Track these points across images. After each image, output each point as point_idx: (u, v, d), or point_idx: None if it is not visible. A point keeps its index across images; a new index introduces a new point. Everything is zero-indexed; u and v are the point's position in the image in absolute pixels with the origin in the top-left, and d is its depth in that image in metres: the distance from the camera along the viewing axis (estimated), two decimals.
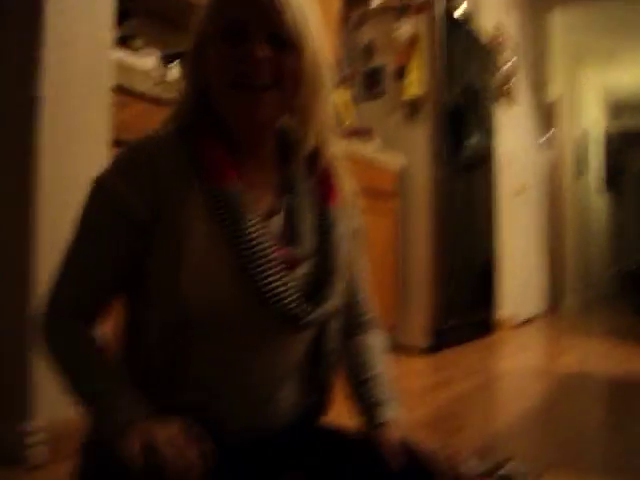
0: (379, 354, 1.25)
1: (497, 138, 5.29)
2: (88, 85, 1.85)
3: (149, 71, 2.18)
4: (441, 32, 4.30)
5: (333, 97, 1.14)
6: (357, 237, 1.22)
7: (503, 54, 5.60)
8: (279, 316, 1.03)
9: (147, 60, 2.40)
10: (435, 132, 4.28)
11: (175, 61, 2.69)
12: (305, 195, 1.13)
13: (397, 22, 4.31)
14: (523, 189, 6.03)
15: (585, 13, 7.47)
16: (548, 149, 7.41)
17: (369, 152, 3.80)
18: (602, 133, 10.78)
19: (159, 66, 2.52)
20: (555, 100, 7.73)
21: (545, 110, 7.18)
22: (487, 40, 5.19)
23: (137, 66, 2.13)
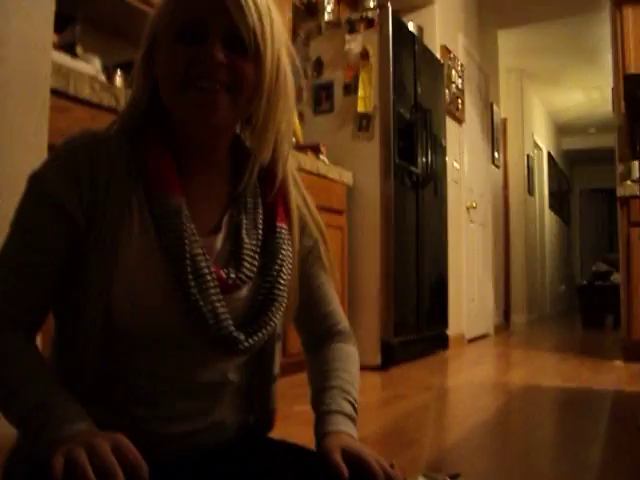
0: (345, 365, 1.19)
1: (447, 156, 5.32)
2: (24, 86, 1.78)
3: (91, 77, 2.11)
4: (391, 48, 4.31)
5: (293, 111, 1.08)
6: (314, 253, 1.17)
7: (452, 73, 5.66)
8: (209, 341, 0.98)
9: (89, 66, 2.33)
10: (385, 148, 4.28)
11: (118, 69, 2.64)
12: (252, 212, 1.07)
13: (347, 37, 4.31)
14: (473, 207, 6.08)
15: (529, 35, 7.64)
16: (497, 168, 7.51)
17: (318, 167, 3.77)
18: (548, 153, 11.00)
19: (102, 72, 2.46)
20: (503, 120, 7.87)
21: (494, 129, 7.27)
22: (436, 58, 5.23)
23: (79, 71, 2.07)
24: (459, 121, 5.88)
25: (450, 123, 5.57)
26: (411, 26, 4.87)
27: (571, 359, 4.92)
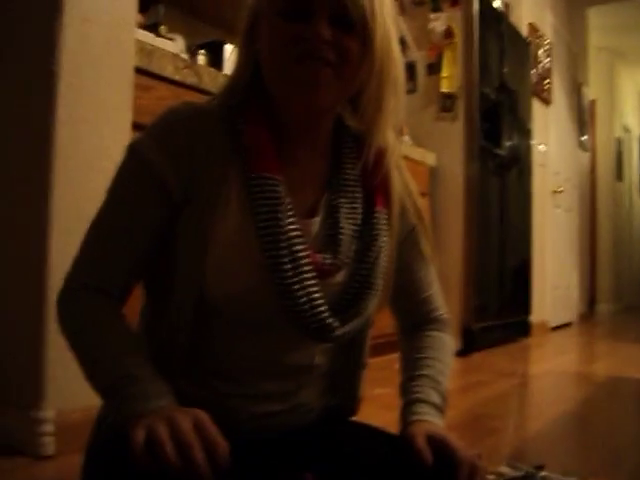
0: (439, 355, 1.16)
1: (532, 138, 5.17)
2: (109, 64, 1.79)
3: (174, 55, 2.11)
4: (477, 27, 4.19)
5: (403, 92, 1.03)
6: (412, 238, 1.14)
7: (539, 52, 5.48)
8: (302, 326, 0.96)
9: (173, 44, 2.34)
10: (469, 130, 4.18)
11: (201, 49, 2.65)
12: (352, 196, 1.03)
13: (431, 15, 4.22)
14: (559, 191, 5.90)
15: (623, 12, 7.31)
16: (584, 151, 7.26)
17: (400, 148, 3.68)
18: (639, 136, 10.57)
19: (185, 51, 2.47)
20: (592, 101, 7.59)
21: (582, 111, 7.03)
22: (523, 37, 5.07)
23: (162, 49, 2.07)
24: (546, 102, 5.70)
25: (536, 104, 5.40)
26: (497, 3, 4.72)
27: None
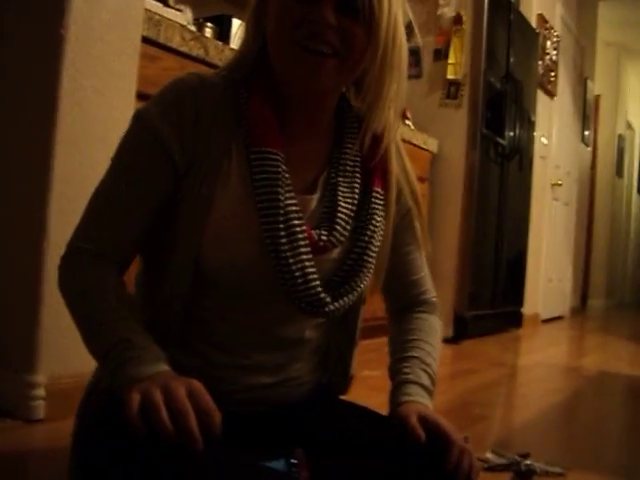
0: (428, 337, 1.17)
1: (535, 130, 5.16)
2: (116, 31, 1.78)
3: (182, 26, 2.10)
4: (486, 14, 4.16)
5: (405, 78, 1.04)
6: (406, 220, 1.15)
7: (547, 44, 5.45)
8: (295, 299, 0.97)
9: (181, 15, 2.32)
10: (472, 117, 4.17)
11: (208, 22, 2.63)
12: (351, 175, 1.05)
13: (441, 1, 4.19)
14: (558, 184, 5.90)
15: (634, 7, 7.28)
16: (586, 146, 7.26)
17: (402, 133, 3.68)
18: None
19: (192, 23, 2.45)
20: (596, 96, 7.57)
21: (586, 106, 7.01)
22: (532, 28, 5.04)
23: (170, 19, 2.06)
24: (551, 95, 5.68)
25: (541, 96, 5.38)
26: None
27: None
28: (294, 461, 0.91)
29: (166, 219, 0.98)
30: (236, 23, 2.71)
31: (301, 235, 0.96)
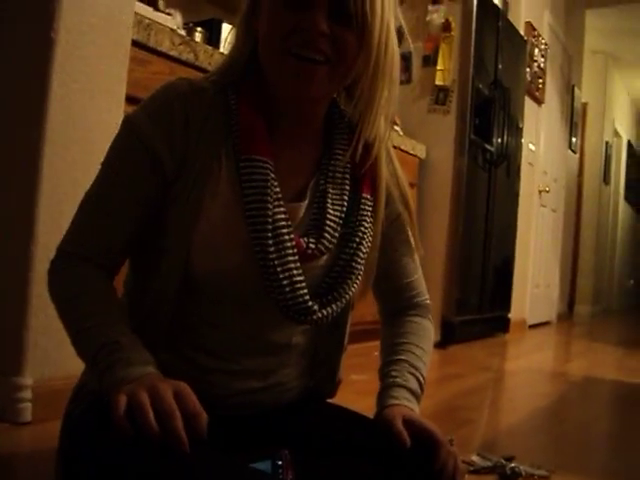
0: (419, 341, 1.18)
1: (523, 137, 5.19)
2: (106, 35, 1.78)
3: (172, 30, 2.11)
4: (474, 21, 4.18)
5: (397, 85, 1.04)
6: (397, 225, 1.16)
7: (535, 52, 5.49)
8: (282, 307, 0.98)
9: (171, 19, 2.33)
10: (461, 124, 4.19)
11: (198, 27, 2.64)
12: (340, 182, 1.05)
13: (430, 7, 4.21)
14: (545, 191, 5.93)
15: (620, 16, 7.33)
16: (573, 153, 7.30)
17: (392, 138, 3.68)
18: (628, 142, 10.62)
19: (182, 28, 2.46)
20: (583, 104, 7.62)
21: (573, 113, 7.05)
22: (520, 35, 5.07)
23: (160, 23, 2.06)
24: (538, 102, 5.72)
25: (529, 103, 5.41)
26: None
27: (636, 355, 4.78)
28: (280, 462, 0.91)
29: (155, 224, 0.98)
30: (226, 28, 2.72)
31: (289, 244, 0.96)
